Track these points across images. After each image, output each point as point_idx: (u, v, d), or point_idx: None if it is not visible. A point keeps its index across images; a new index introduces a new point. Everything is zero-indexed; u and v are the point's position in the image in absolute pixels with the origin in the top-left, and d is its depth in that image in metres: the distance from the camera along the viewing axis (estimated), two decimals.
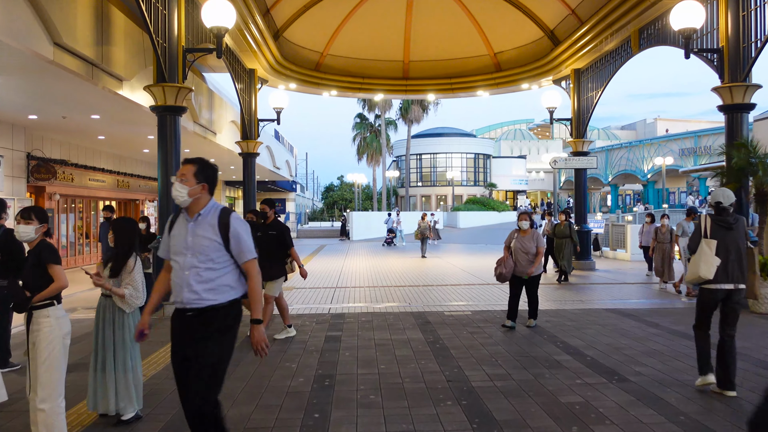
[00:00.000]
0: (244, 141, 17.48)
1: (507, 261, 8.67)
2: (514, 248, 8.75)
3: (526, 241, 8.67)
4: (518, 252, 8.70)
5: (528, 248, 8.66)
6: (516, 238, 8.75)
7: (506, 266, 8.66)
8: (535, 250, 8.66)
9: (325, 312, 10.44)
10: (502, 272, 8.70)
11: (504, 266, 8.68)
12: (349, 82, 20.96)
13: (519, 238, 8.73)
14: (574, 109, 18.03)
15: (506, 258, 8.71)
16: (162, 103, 10.05)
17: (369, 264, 20.08)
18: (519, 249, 8.70)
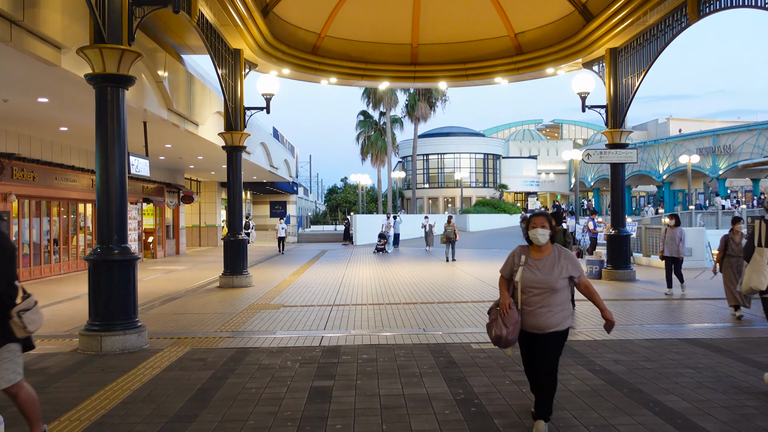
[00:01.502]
0: (228, 132, 15.10)
1: (510, 312, 4.58)
2: (523, 283, 4.61)
3: (545, 269, 4.60)
4: (530, 289, 4.59)
5: (549, 281, 4.55)
6: (525, 265, 4.65)
7: (508, 322, 4.57)
8: (563, 286, 4.61)
9: (316, 344, 8.01)
10: (502, 334, 4.60)
11: (504, 323, 4.59)
12: (350, 68, 18.58)
13: (530, 263, 4.65)
14: (610, 95, 15.58)
15: (507, 305, 4.60)
16: (100, 71, 7.67)
17: (373, 274, 17.66)
18: (532, 284, 4.58)
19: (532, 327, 4.59)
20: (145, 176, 14.16)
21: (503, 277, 4.84)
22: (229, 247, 15.13)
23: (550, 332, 4.55)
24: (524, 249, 4.78)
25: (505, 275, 4.84)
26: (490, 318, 4.79)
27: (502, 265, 4.89)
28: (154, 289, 14.84)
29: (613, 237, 15.52)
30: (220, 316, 10.37)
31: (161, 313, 10.83)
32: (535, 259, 4.66)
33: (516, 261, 4.73)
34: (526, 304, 4.61)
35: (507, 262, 4.83)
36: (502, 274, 4.86)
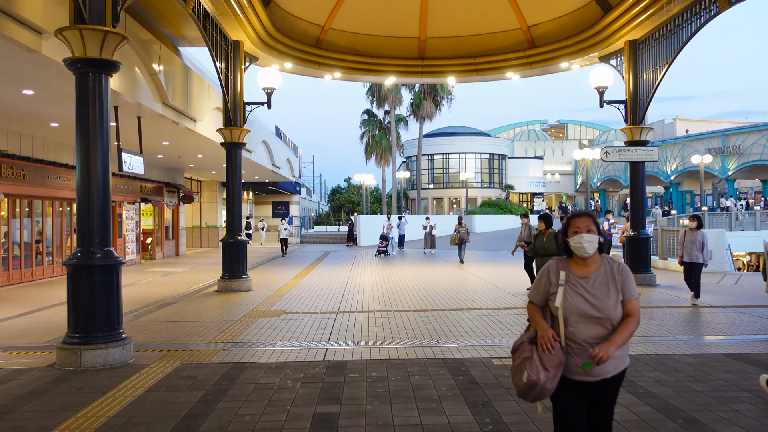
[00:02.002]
0: (227, 128, 14.34)
1: (554, 350, 3.25)
2: (567, 311, 3.32)
3: (597, 290, 3.32)
4: (578, 320, 3.30)
5: (605, 308, 3.29)
6: (567, 285, 3.36)
7: (549, 363, 3.25)
8: (618, 315, 3.31)
9: (320, 358, 7.23)
10: (538, 381, 3.23)
11: (543, 364, 3.25)
12: (355, 63, 17.81)
13: (575, 282, 3.36)
14: (629, 90, 14.78)
15: (550, 339, 3.27)
16: (80, 55, 6.89)
17: (379, 276, 16.88)
18: (581, 312, 3.30)
19: (581, 373, 3.23)
20: (138, 174, 13.43)
21: (534, 305, 3.46)
22: (228, 249, 14.37)
23: (608, 378, 3.25)
24: (562, 263, 3.43)
25: (536, 301, 3.44)
26: (517, 358, 3.35)
27: (532, 287, 3.55)
28: (148, 293, 14.08)
29: (633, 239, 14.73)
30: (216, 325, 9.60)
31: (153, 321, 10.07)
32: (580, 277, 3.33)
33: (553, 279, 3.37)
34: (573, 340, 3.26)
35: (539, 283, 3.45)
36: (532, 300, 3.49)
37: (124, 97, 11.89)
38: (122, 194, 21.83)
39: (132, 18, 12.02)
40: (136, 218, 23.48)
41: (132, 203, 23.00)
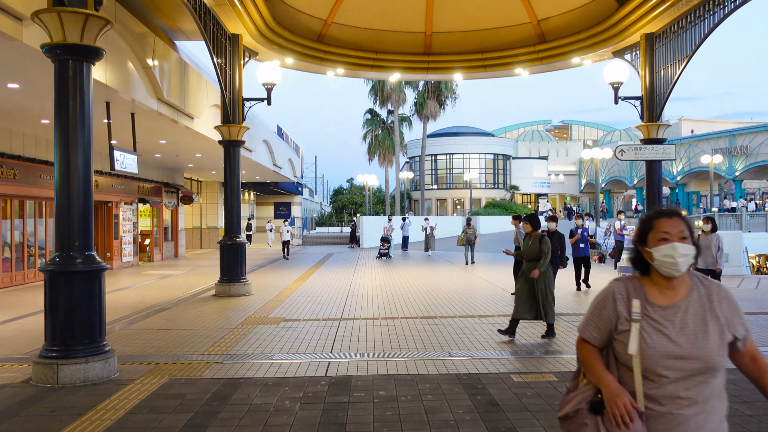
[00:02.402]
0: (225, 126, 13.73)
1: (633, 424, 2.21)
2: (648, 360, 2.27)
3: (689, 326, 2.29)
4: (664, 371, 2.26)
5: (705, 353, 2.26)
6: (645, 320, 2.32)
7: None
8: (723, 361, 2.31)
9: (321, 373, 6.60)
10: None
11: None
12: (359, 58, 17.19)
13: (655, 315, 2.32)
14: (645, 86, 14.13)
15: (628, 408, 2.22)
16: (59, 41, 6.28)
17: (383, 280, 16.25)
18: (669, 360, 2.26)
19: None
20: (132, 173, 12.83)
21: (588, 344, 2.46)
22: (226, 252, 13.76)
23: None
24: (633, 285, 2.40)
25: (594, 341, 2.44)
26: (570, 426, 2.39)
27: (586, 316, 2.50)
28: (143, 297, 13.48)
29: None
30: (211, 333, 8.98)
31: (144, 329, 9.45)
32: (664, 307, 2.33)
33: (621, 311, 2.36)
34: (656, 400, 2.27)
35: (598, 314, 2.44)
36: (587, 338, 2.46)
37: (116, 91, 11.30)
38: (119, 194, 21.23)
39: (125, 9, 11.42)
40: (133, 219, 22.88)
41: (129, 204, 22.40)
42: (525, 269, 8.54)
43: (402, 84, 43.67)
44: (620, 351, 2.36)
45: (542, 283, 8.31)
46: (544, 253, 8.32)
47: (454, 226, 43.08)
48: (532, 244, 8.48)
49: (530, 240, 8.56)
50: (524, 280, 8.45)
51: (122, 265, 21.58)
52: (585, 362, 2.44)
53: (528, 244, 8.57)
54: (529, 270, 8.40)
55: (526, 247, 8.60)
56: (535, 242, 8.43)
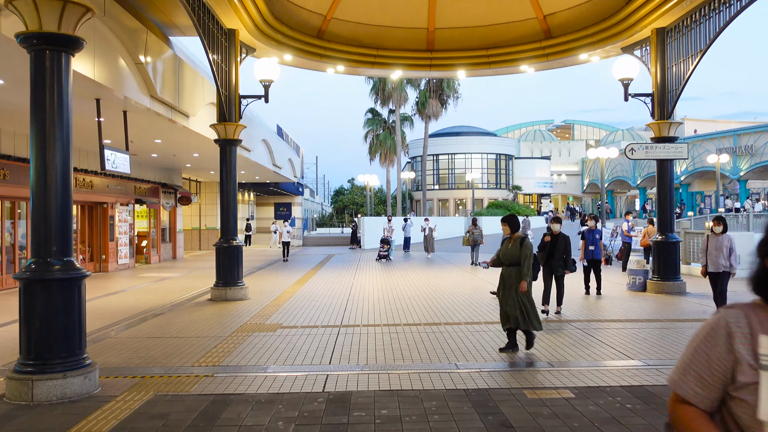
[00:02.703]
0: (221, 124, 13.27)
1: None
2: None
3: None
4: None
5: None
6: None
7: None
8: None
9: (318, 388, 6.12)
10: None
11: None
12: (359, 55, 16.74)
13: None
14: (656, 82, 13.66)
15: None
16: (35, 29, 5.82)
17: (385, 283, 15.77)
18: None
19: None
20: (124, 173, 12.36)
21: (689, 406, 1.71)
22: (222, 255, 13.29)
23: None
24: (757, 315, 1.69)
25: (698, 400, 1.70)
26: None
27: (680, 362, 1.76)
28: (136, 302, 13.02)
29: (661, 244, 13.59)
30: (204, 342, 8.50)
31: (133, 337, 8.98)
32: None
33: (741, 352, 1.65)
34: None
35: (701, 355, 1.71)
36: (685, 394, 1.72)
37: (106, 88, 10.84)
38: (114, 195, 20.76)
39: (116, 3, 10.96)
40: (129, 220, 22.43)
41: (125, 205, 21.95)
42: (504, 274, 7.76)
43: (403, 83, 43.19)
44: (743, 415, 1.60)
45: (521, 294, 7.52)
46: (526, 257, 7.47)
47: (457, 227, 42.63)
48: (511, 248, 7.70)
49: (509, 243, 7.77)
50: (504, 288, 7.71)
51: (118, 267, 21.12)
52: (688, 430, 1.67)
53: (507, 248, 7.74)
54: (508, 275, 7.65)
55: (505, 250, 7.75)
56: (515, 245, 7.65)
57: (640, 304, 11.79)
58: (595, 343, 8.12)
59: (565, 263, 10.29)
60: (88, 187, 18.82)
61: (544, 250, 10.14)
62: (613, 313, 10.74)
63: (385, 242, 23.93)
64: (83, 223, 20.00)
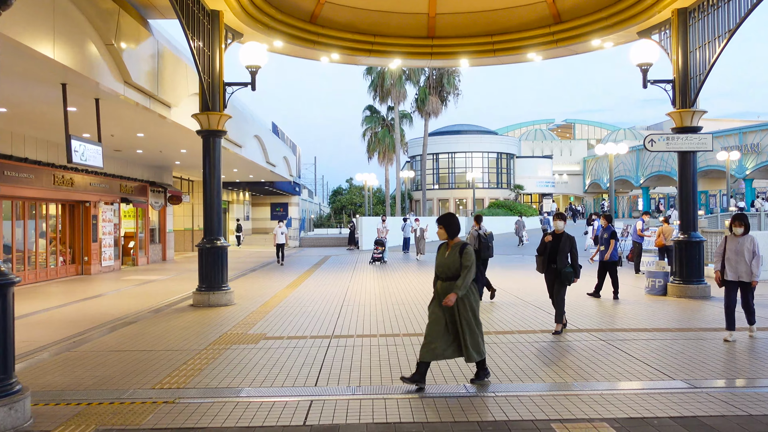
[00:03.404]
0: (204, 114, 12.18)
1: None
2: None
3: None
4: None
5: None
6: None
7: None
8: None
9: (299, 420, 5.00)
10: None
11: None
12: (355, 42, 15.62)
13: None
14: (677, 68, 12.56)
15: None
16: None
17: (382, 286, 14.66)
18: None
19: None
20: (95, 167, 11.24)
21: None
22: (205, 256, 12.19)
23: None
24: None
25: None
26: None
27: None
28: (110, 308, 11.91)
29: (684, 244, 12.49)
30: (174, 356, 7.39)
31: (94, 351, 7.85)
32: None
33: None
34: None
35: None
36: None
37: (73, 71, 9.73)
38: (98, 194, 19.64)
39: None
40: (114, 220, 21.31)
41: (110, 204, 20.82)
42: (439, 291, 6.04)
43: (402, 79, 42.07)
44: None
45: (465, 309, 5.89)
46: (466, 268, 5.86)
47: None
48: (449, 257, 6.00)
49: (447, 251, 6.08)
50: (438, 305, 6.01)
51: (101, 269, 20.00)
52: None
53: (444, 257, 6.06)
54: (444, 292, 5.93)
55: (441, 260, 6.08)
56: (453, 254, 5.97)
57: (664, 310, 10.69)
58: (623, 358, 7.01)
59: (574, 269, 8.36)
60: (68, 185, 17.70)
61: (544, 252, 8.62)
62: (637, 321, 9.63)
63: (379, 244, 22.34)
64: (64, 223, 18.89)
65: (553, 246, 8.50)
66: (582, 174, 75.24)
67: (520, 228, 31.70)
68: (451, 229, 6.14)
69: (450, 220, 6.22)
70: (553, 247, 8.48)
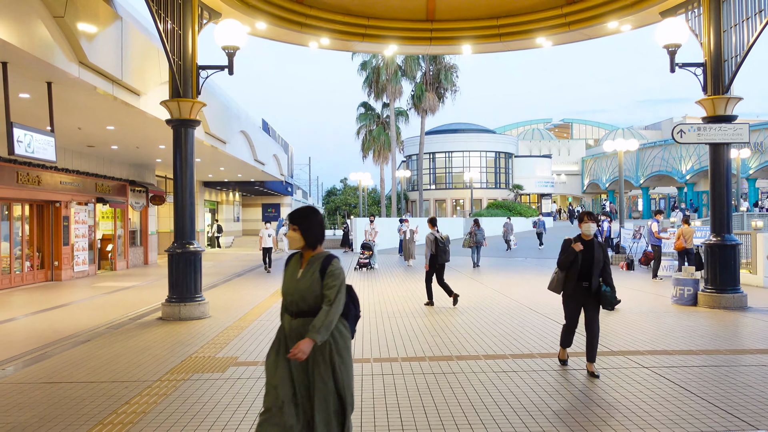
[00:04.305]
0: (174, 100, 10.72)
1: None
2: None
3: None
4: None
5: None
6: None
7: None
8: None
9: None
10: None
11: None
12: (347, 25, 14.18)
13: None
14: (709, 50, 11.15)
15: None
16: None
17: (378, 295, 13.21)
18: None
19: None
20: (46, 160, 9.74)
21: None
22: (175, 263, 10.73)
23: None
24: None
25: None
26: None
27: None
28: (64, 323, 10.42)
29: (717, 247, 11.06)
30: (117, 392, 5.92)
31: (21, 383, 6.37)
32: None
33: None
34: None
35: None
36: None
37: (14, 48, 8.25)
38: (69, 193, 18.12)
39: None
40: (89, 222, 19.78)
41: (83, 204, 19.29)
42: (286, 329, 3.80)
43: (398, 74, 40.62)
44: None
45: (327, 367, 3.68)
46: (329, 300, 3.65)
47: (456, 229, 40.11)
48: (303, 277, 3.75)
49: (299, 267, 3.83)
50: (283, 357, 3.75)
51: (74, 275, 18.48)
52: None
53: (295, 278, 3.79)
54: (296, 333, 3.70)
55: (291, 282, 3.79)
56: (310, 273, 3.75)
57: (702, 325, 9.26)
58: (680, 395, 5.57)
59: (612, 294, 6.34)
60: (34, 183, 16.20)
61: (572, 266, 6.39)
62: (676, 339, 8.19)
63: (366, 248, 19.95)
64: (31, 225, 17.36)
65: (585, 257, 6.36)
66: (580, 174, 73.99)
67: (508, 231, 29.56)
68: (309, 231, 3.76)
69: (307, 216, 3.80)
70: (586, 259, 6.36)
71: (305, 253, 3.83)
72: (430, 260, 11.40)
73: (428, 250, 11.43)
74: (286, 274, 3.85)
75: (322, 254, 3.79)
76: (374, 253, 20.17)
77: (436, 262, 11.40)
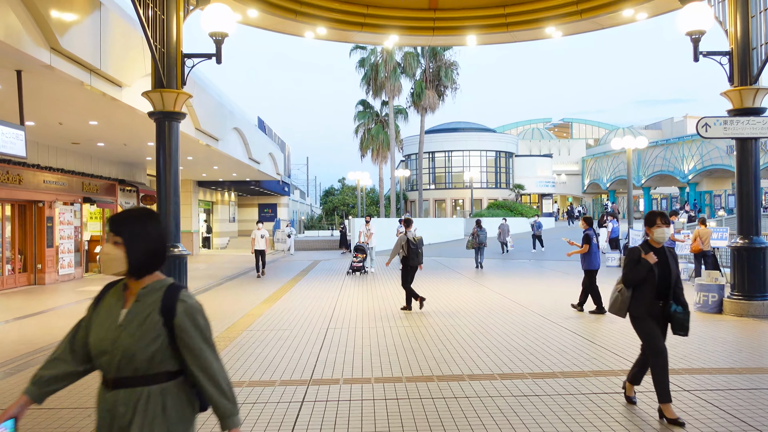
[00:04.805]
0: (157, 91, 9.89)
1: None
2: None
3: None
4: None
5: None
6: None
7: None
8: None
9: None
10: None
11: None
12: (345, 14, 13.36)
13: None
14: (735, 37, 10.33)
15: None
16: None
17: (377, 301, 12.38)
18: None
19: None
20: (15, 155, 8.87)
21: None
22: None
23: None
24: None
25: None
26: None
27: None
28: (38, 333, 9.57)
29: (744, 250, 10.24)
30: (77, 420, 5.08)
31: None
32: None
33: None
34: None
35: None
36: None
37: None
38: (54, 192, 17.26)
39: None
40: (75, 223, 18.92)
41: (69, 204, 18.42)
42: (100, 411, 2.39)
43: (397, 72, 39.80)
44: None
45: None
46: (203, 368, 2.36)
47: (455, 229, 39.31)
48: (128, 322, 2.35)
49: (122, 307, 2.40)
50: None
51: (59, 278, 17.61)
52: None
53: (115, 323, 2.35)
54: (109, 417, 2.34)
55: (106, 329, 2.36)
56: (144, 316, 2.35)
57: (737, 337, 8.42)
58: (741, 431, 4.74)
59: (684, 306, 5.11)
60: (14, 182, 15.34)
61: (647, 283, 5.05)
62: (710, 355, 7.33)
63: (359, 251, 18.63)
64: (13, 226, 16.49)
65: (661, 271, 5.04)
66: (581, 174, 73.23)
67: (504, 233, 28.37)
68: (136, 247, 2.35)
69: (135, 220, 2.40)
70: (663, 273, 5.04)
71: (131, 284, 2.42)
72: (402, 261, 11.15)
73: (396, 250, 11.20)
74: (97, 315, 2.43)
75: (160, 283, 2.40)
76: (369, 256, 18.96)
77: (407, 264, 11.07)
